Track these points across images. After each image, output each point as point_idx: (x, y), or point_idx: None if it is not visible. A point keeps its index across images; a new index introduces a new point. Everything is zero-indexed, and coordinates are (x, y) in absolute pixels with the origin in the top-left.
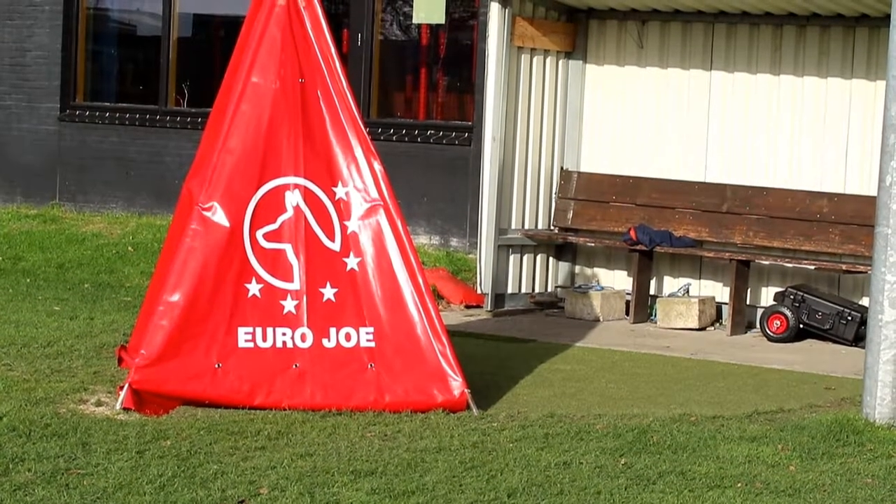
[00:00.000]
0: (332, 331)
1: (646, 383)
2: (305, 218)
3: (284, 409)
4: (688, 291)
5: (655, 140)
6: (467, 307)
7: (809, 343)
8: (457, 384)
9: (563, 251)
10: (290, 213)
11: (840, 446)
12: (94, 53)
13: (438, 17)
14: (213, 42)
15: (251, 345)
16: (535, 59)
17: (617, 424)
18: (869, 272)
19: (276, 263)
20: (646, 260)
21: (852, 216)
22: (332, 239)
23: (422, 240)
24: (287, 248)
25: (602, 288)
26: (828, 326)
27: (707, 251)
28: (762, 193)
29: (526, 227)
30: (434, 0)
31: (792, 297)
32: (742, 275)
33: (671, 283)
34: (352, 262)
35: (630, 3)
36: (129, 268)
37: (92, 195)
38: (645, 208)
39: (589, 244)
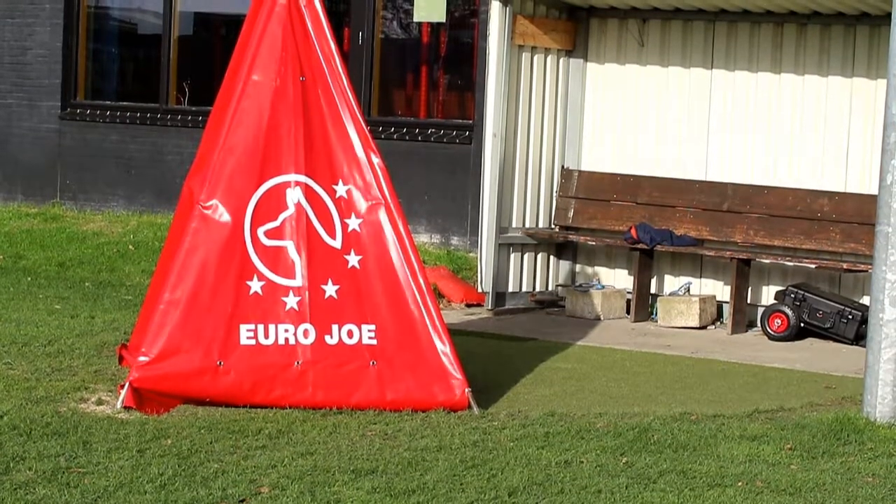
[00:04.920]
0: (335, 327)
1: (646, 382)
2: (307, 215)
3: (285, 408)
4: (688, 290)
5: (656, 138)
6: (468, 306)
7: (810, 342)
8: (458, 383)
9: (563, 250)
10: (291, 210)
11: (841, 445)
12: (94, 52)
13: (439, 16)
14: (214, 40)
15: (253, 342)
16: (535, 58)
17: (618, 423)
18: (870, 271)
19: (277, 260)
20: (646, 259)
21: (853, 215)
22: (333, 236)
23: (422, 238)
24: (289, 245)
25: (603, 287)
26: (828, 325)
27: (708, 250)
28: (763, 192)
29: (527, 225)
30: None
31: (793, 295)
32: (743, 273)
33: (672, 282)
34: (353, 259)
35: (631, 1)
36: (130, 266)
37: (93, 193)
38: (646, 207)
39: (590, 243)
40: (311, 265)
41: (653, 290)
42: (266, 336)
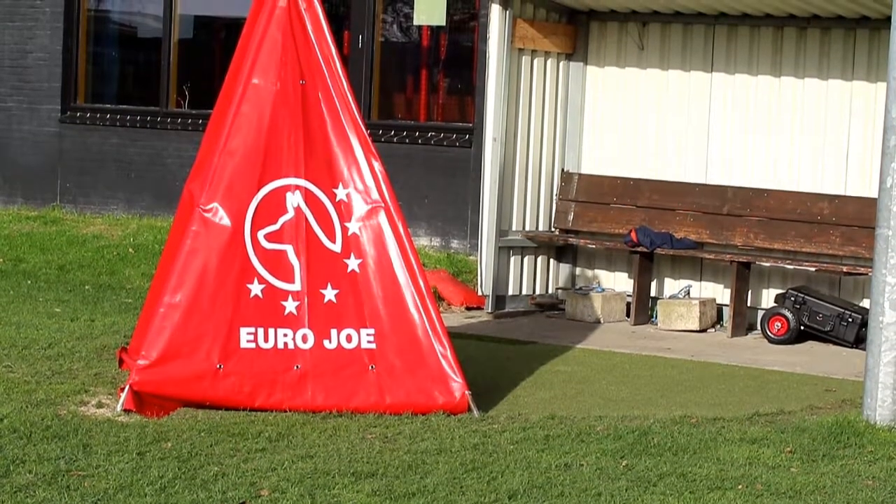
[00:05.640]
0: (333, 332)
1: (646, 385)
2: (306, 219)
3: (285, 411)
4: (688, 293)
5: (656, 142)
6: (468, 309)
7: (810, 345)
8: (458, 386)
9: (563, 253)
10: (290, 214)
11: (841, 448)
12: (94, 55)
13: (439, 19)
14: (214, 44)
15: (253, 345)
16: (535, 61)
17: (618, 426)
18: (869, 274)
19: (277, 264)
20: (646, 262)
21: (853, 218)
22: (332, 240)
23: (422, 241)
24: (288, 248)
25: (603, 290)
26: (828, 328)
27: (708, 253)
28: (763, 195)
29: (527, 228)
30: (434, 1)
31: (793, 298)
32: (743, 276)
33: (672, 285)
34: (353, 263)
35: (630, 4)
36: (130, 269)
37: (93, 197)
38: (646, 210)
39: (590, 246)
40: (311, 269)
41: (653, 294)
42: (266, 340)
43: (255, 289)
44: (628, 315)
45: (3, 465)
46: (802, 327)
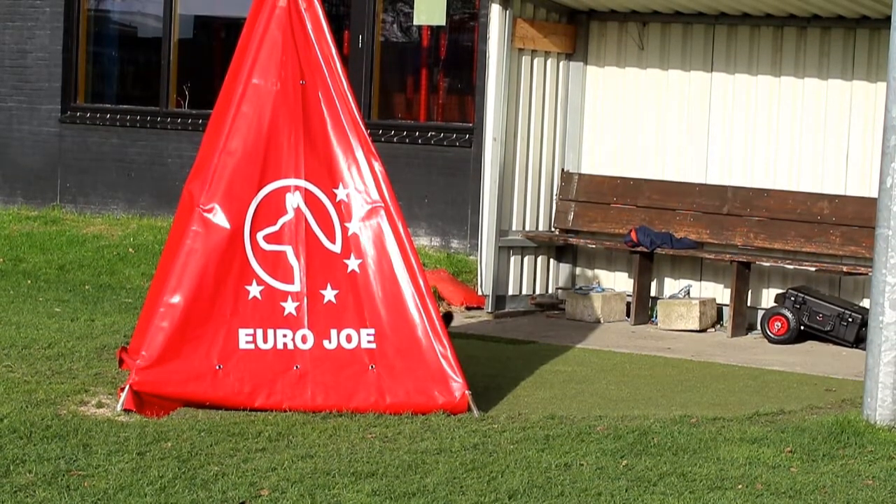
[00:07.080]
0: (333, 332)
1: (646, 385)
2: (306, 220)
3: (285, 411)
4: (688, 293)
5: (656, 141)
6: (468, 309)
7: (810, 345)
8: (458, 386)
9: (563, 253)
10: (290, 214)
11: (841, 448)
12: (94, 55)
13: (439, 19)
14: (214, 43)
15: (252, 346)
16: (535, 61)
17: (618, 426)
18: (869, 274)
19: (276, 265)
20: (646, 262)
21: (853, 218)
22: (332, 241)
23: (422, 241)
24: (288, 249)
25: (603, 290)
26: (828, 328)
27: (708, 253)
28: (763, 195)
29: (527, 228)
30: (435, 1)
31: (793, 298)
32: (743, 276)
33: (672, 285)
34: (352, 263)
35: (630, 4)
36: (130, 269)
37: (93, 197)
38: (646, 210)
39: (590, 246)
40: (310, 270)
41: (653, 293)
42: (265, 341)
43: (254, 290)
44: (628, 315)
45: (3, 465)
46: (802, 327)
